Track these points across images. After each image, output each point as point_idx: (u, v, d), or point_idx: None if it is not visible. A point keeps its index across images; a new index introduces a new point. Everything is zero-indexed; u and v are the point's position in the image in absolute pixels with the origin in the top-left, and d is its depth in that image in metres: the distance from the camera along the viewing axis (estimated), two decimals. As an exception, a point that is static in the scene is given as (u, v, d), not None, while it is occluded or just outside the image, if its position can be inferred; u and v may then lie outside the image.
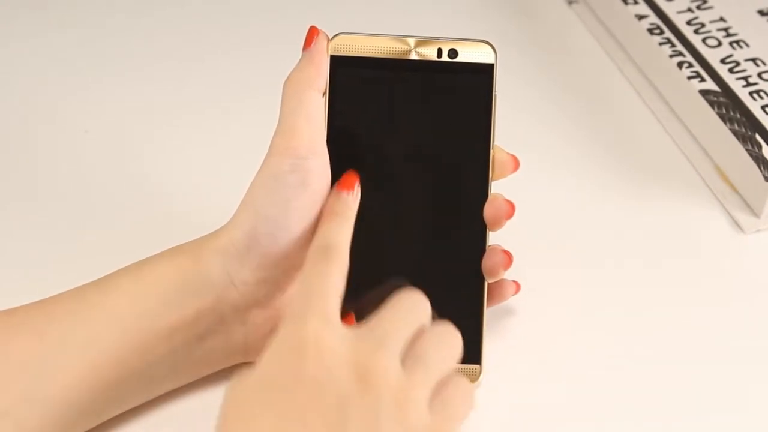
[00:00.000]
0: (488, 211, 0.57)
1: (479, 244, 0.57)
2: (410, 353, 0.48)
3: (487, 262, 0.57)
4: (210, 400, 0.57)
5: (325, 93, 0.56)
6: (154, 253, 0.56)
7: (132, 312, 0.53)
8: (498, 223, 0.57)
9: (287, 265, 0.55)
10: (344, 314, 0.49)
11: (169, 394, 0.56)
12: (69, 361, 0.51)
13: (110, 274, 0.55)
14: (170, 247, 0.56)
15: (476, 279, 0.57)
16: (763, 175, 0.67)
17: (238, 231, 0.54)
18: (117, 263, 0.56)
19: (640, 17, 0.78)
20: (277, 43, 0.78)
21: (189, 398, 0.57)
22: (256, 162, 0.55)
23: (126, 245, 0.61)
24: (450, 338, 0.50)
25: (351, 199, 0.54)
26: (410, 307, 0.50)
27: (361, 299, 0.54)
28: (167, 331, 0.53)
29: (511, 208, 0.56)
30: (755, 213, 0.68)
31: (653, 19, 0.77)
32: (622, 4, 0.79)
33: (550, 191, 0.69)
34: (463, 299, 0.57)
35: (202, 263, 0.54)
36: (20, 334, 0.52)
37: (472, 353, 0.57)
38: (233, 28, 0.82)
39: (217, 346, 0.55)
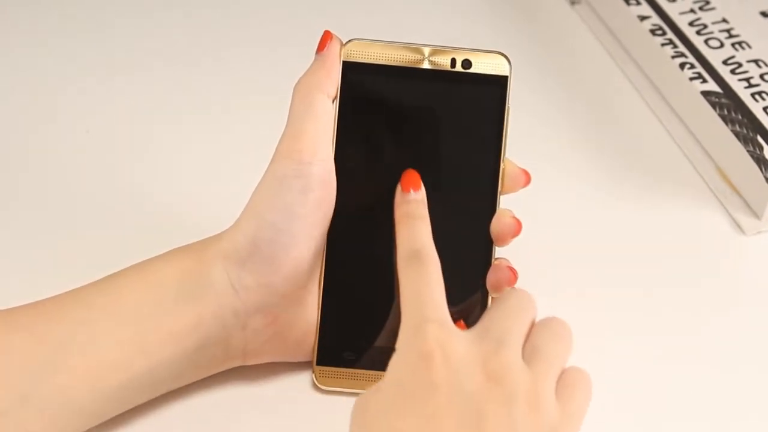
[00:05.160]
0: (495, 227, 0.56)
1: (485, 258, 0.57)
2: (528, 349, 0.48)
3: (491, 278, 0.56)
4: (210, 400, 0.57)
5: (335, 99, 0.56)
6: (156, 254, 0.56)
7: (134, 315, 0.53)
8: (504, 240, 0.56)
9: (289, 272, 0.54)
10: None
11: (169, 394, 0.56)
12: (69, 363, 0.51)
13: (111, 276, 0.55)
14: (173, 248, 0.56)
15: (481, 292, 0.57)
16: (765, 177, 0.67)
17: (241, 236, 0.54)
18: (118, 264, 0.56)
19: (643, 18, 0.78)
20: (284, 46, 0.79)
21: (189, 398, 0.57)
22: (259, 163, 0.55)
23: (127, 246, 0.61)
24: (562, 330, 0.50)
25: (420, 197, 0.53)
26: (520, 304, 0.50)
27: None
28: (169, 335, 0.53)
29: (518, 226, 0.56)
30: (756, 214, 0.68)
31: (655, 20, 0.77)
32: (624, 4, 0.79)
33: (549, 191, 0.69)
34: (467, 311, 0.57)
35: (204, 267, 0.54)
36: (20, 334, 0.52)
37: None
38: (238, 30, 0.82)
39: (217, 351, 0.55)
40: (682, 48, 0.75)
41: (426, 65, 0.56)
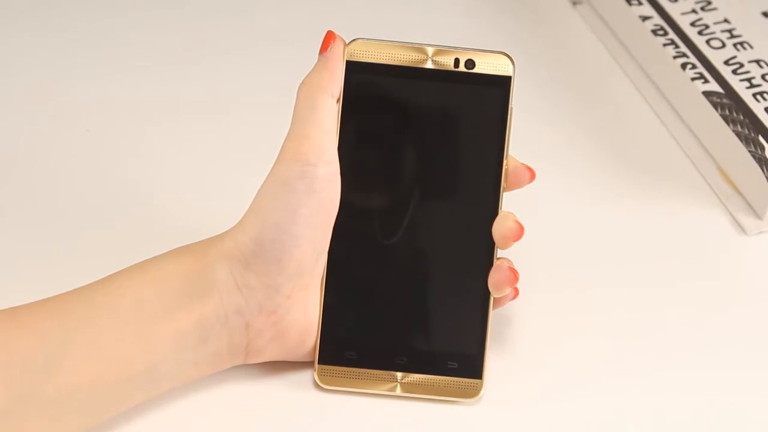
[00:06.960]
0: (497, 230, 0.56)
1: (487, 258, 0.56)
2: None
3: (492, 278, 0.56)
4: (210, 399, 0.57)
5: (339, 99, 0.56)
6: (156, 253, 0.56)
7: (136, 314, 0.53)
8: (506, 243, 0.56)
9: (293, 272, 0.54)
10: None
11: (169, 394, 0.56)
12: (70, 362, 0.51)
13: (114, 275, 0.55)
14: (174, 247, 0.56)
15: (482, 292, 0.57)
16: (766, 177, 0.67)
17: (245, 236, 0.54)
18: (118, 263, 0.56)
19: (645, 18, 0.77)
20: (285, 45, 0.78)
21: (189, 398, 0.56)
22: (260, 163, 0.55)
23: (127, 245, 0.61)
24: None
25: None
26: None
27: None
28: (171, 333, 0.53)
29: (521, 230, 0.56)
30: (758, 215, 0.68)
31: (657, 20, 0.77)
32: (626, 5, 0.79)
33: (550, 192, 0.69)
34: (467, 311, 0.57)
35: (207, 267, 0.54)
36: (22, 333, 0.52)
37: (474, 367, 0.57)
38: (238, 29, 0.82)
39: (219, 349, 0.55)
40: (683, 48, 0.75)
41: (429, 65, 0.56)
